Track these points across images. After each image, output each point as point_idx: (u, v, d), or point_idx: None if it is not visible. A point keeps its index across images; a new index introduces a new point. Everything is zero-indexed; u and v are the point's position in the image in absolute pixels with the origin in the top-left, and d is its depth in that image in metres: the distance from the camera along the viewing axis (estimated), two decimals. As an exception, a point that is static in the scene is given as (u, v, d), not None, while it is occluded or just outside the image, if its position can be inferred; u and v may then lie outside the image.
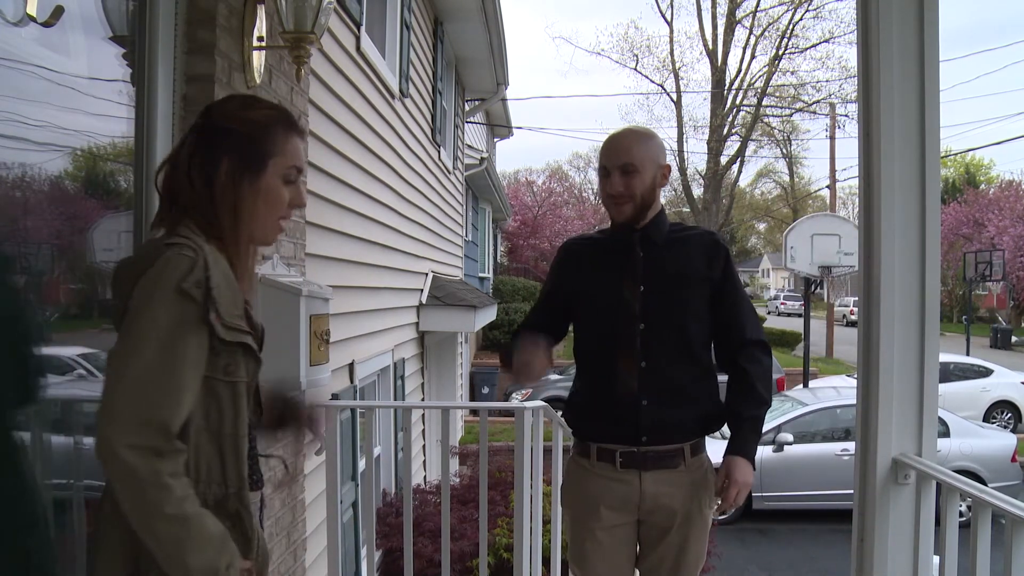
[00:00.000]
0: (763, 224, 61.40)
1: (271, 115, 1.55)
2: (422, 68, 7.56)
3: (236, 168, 1.48)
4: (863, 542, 2.34)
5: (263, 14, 2.64)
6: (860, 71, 2.37)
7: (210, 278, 1.39)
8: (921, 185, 2.27)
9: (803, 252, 14.73)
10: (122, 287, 1.42)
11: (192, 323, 1.37)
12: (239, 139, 1.49)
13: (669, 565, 2.33)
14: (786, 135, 39.84)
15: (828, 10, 43.42)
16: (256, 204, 1.50)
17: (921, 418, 2.29)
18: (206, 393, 1.42)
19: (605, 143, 2.34)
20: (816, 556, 8.47)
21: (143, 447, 1.29)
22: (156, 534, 1.31)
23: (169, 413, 1.33)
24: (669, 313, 2.28)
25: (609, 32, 77.02)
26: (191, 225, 1.46)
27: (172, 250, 1.39)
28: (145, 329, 1.34)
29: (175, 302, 1.35)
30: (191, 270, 1.37)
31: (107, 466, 1.30)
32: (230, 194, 1.48)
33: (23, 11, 1.77)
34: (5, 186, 1.82)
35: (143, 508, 1.30)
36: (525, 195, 33.70)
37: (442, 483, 3.53)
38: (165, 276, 1.36)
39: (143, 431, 1.30)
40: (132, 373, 1.32)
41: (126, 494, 1.31)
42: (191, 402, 1.38)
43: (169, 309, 1.35)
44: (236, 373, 1.46)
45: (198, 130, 1.52)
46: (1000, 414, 14.60)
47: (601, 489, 2.30)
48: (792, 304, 40.38)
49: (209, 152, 1.48)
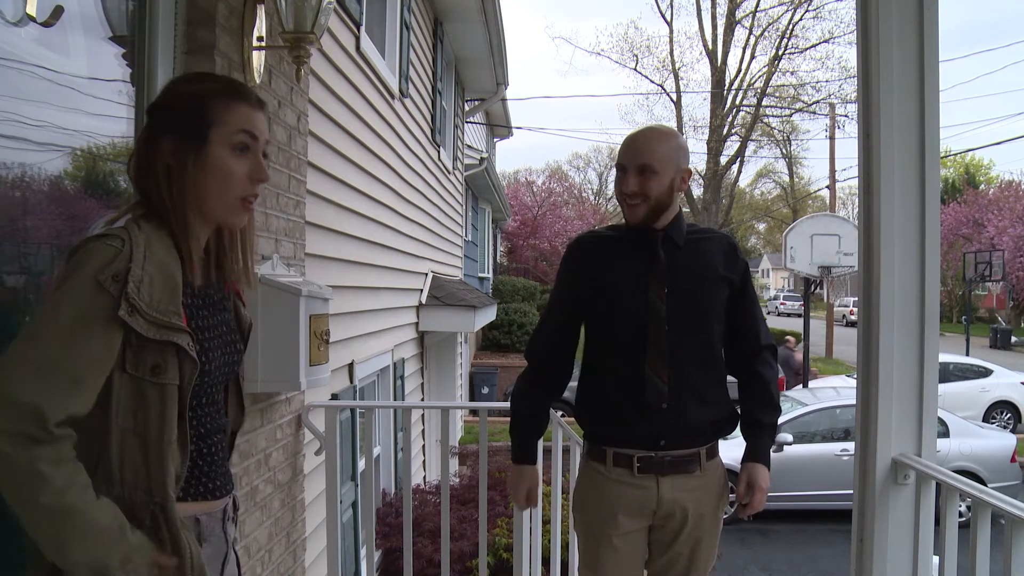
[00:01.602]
0: (763, 224, 61.43)
1: (211, 87, 1.47)
2: (422, 68, 7.56)
3: (177, 145, 1.40)
4: (863, 542, 2.34)
5: (263, 14, 2.64)
6: (860, 71, 2.37)
7: (130, 270, 1.31)
8: (921, 185, 2.27)
9: (803, 252, 14.74)
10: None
11: (101, 316, 1.28)
12: (177, 114, 1.42)
13: (682, 566, 2.30)
14: (786, 135, 39.86)
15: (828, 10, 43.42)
16: (205, 181, 1.42)
17: (921, 418, 2.29)
18: (133, 394, 1.34)
19: (625, 140, 2.27)
20: (816, 556, 8.47)
21: (16, 433, 1.20)
22: (34, 525, 1.24)
23: (52, 402, 1.23)
24: (694, 316, 2.24)
25: (609, 32, 77.15)
26: (140, 213, 1.40)
27: (98, 240, 1.32)
28: (48, 316, 1.27)
29: (87, 293, 1.28)
30: (111, 261, 1.30)
31: None
32: (176, 173, 1.40)
33: (23, 11, 1.77)
34: (5, 186, 1.81)
35: (18, 498, 1.22)
36: (525, 195, 33.69)
37: (442, 483, 3.53)
38: (83, 266, 1.29)
39: (17, 417, 1.21)
40: (22, 358, 1.24)
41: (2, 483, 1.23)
42: (88, 399, 1.28)
43: (78, 300, 1.27)
44: (165, 375, 1.35)
45: (148, 114, 1.46)
46: (1000, 414, 14.60)
47: (618, 495, 2.24)
48: (792, 304, 40.40)
49: (149, 134, 1.42)
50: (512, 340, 18.12)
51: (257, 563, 2.70)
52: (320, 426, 3.45)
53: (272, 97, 2.81)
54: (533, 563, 3.76)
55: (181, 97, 1.44)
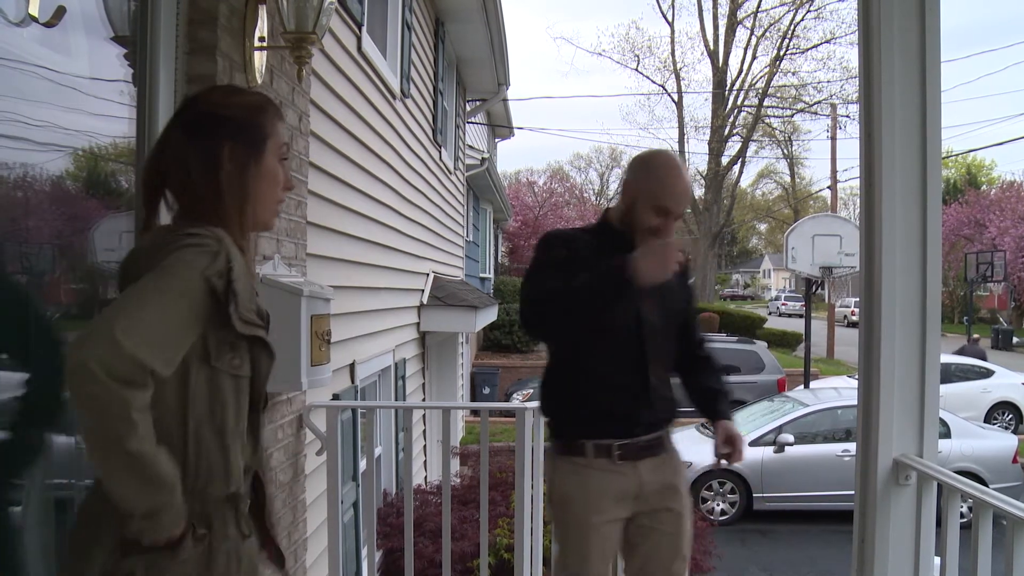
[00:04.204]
0: (764, 225, 61.44)
1: (260, 98, 1.58)
2: (423, 68, 7.57)
3: (239, 153, 1.48)
4: (864, 543, 2.34)
5: (264, 14, 2.65)
6: (861, 71, 2.37)
7: (232, 269, 1.38)
8: (922, 186, 2.27)
9: (804, 253, 14.71)
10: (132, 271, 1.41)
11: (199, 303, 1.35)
12: (237, 124, 1.49)
13: (669, 546, 2.40)
14: (787, 136, 39.88)
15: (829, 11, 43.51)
16: (261, 186, 1.52)
17: (922, 419, 2.29)
18: (211, 387, 1.40)
19: (672, 181, 2.30)
20: (817, 557, 8.46)
21: (120, 375, 1.24)
22: (110, 465, 1.28)
23: (153, 356, 1.28)
24: (668, 318, 2.43)
25: (610, 32, 76.83)
26: (201, 220, 1.45)
27: (192, 239, 1.38)
28: (151, 286, 1.31)
29: (192, 281, 1.34)
30: (214, 260, 1.37)
31: (78, 386, 1.24)
32: (236, 180, 1.48)
33: (25, 11, 1.77)
34: (7, 186, 1.82)
35: (104, 437, 1.26)
36: (526, 195, 33.70)
37: (443, 483, 3.53)
38: (190, 263, 1.34)
39: (124, 360, 1.24)
40: (127, 310, 1.29)
41: (90, 419, 1.26)
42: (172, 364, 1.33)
43: (183, 281, 1.33)
44: (242, 368, 1.44)
45: (186, 123, 1.51)
46: (1001, 415, 14.58)
47: (603, 482, 2.32)
48: (793, 305, 40.36)
49: (208, 141, 1.47)
50: (513, 340, 18.12)
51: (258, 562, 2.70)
52: (321, 426, 3.45)
53: (274, 97, 2.81)
54: (534, 563, 3.76)
55: (238, 108, 1.52)
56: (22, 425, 1.86)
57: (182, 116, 1.54)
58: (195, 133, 1.49)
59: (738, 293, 63.61)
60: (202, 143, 1.48)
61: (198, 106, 1.53)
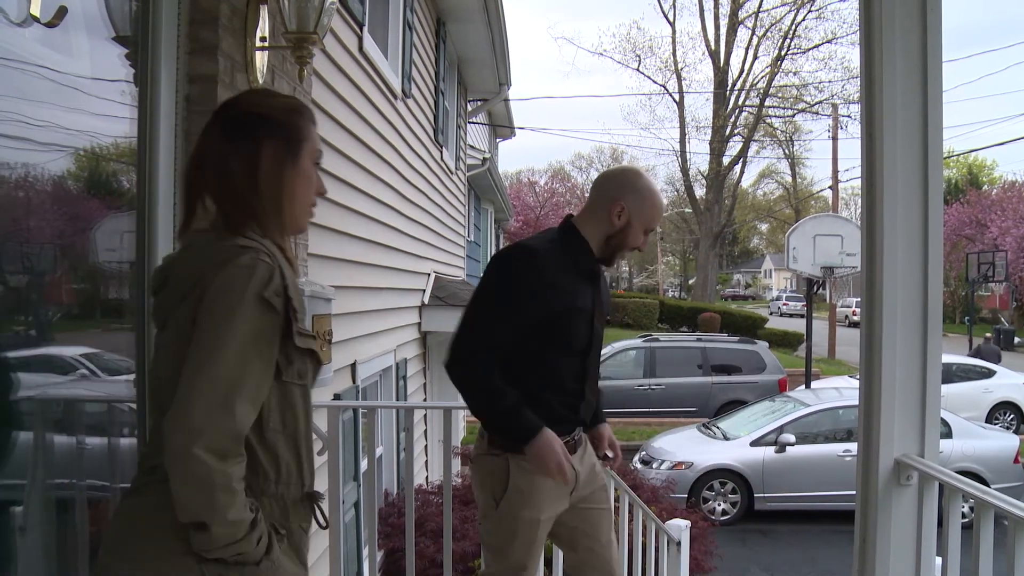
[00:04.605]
0: (765, 225, 61.40)
1: (296, 101, 1.62)
2: (424, 68, 7.57)
3: (278, 153, 1.52)
4: (865, 543, 2.34)
5: (266, 14, 2.65)
6: (863, 71, 2.37)
7: (288, 287, 1.43)
8: (924, 186, 2.27)
9: (805, 253, 14.71)
10: (182, 284, 1.44)
11: (270, 333, 1.41)
12: (275, 125, 1.53)
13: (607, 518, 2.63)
14: (788, 136, 39.87)
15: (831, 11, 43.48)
16: (298, 187, 1.55)
17: (923, 419, 2.28)
18: (282, 397, 1.47)
19: (660, 205, 2.51)
20: (817, 557, 8.46)
21: (219, 451, 1.33)
22: (213, 534, 1.35)
23: (243, 421, 1.37)
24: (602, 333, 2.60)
25: (611, 32, 76.88)
26: (251, 226, 1.49)
27: (248, 255, 1.41)
28: (226, 337, 1.36)
29: (257, 311, 1.38)
30: (270, 278, 1.40)
31: (180, 466, 1.32)
32: (274, 180, 1.51)
33: (27, 12, 1.77)
34: (8, 186, 1.82)
35: (209, 509, 1.33)
36: (527, 195, 33.72)
37: (444, 483, 3.53)
38: (247, 284, 1.38)
39: (220, 436, 1.33)
40: (209, 380, 1.34)
41: (193, 495, 1.33)
42: (258, 409, 1.41)
43: (251, 319, 1.37)
44: (306, 376, 1.52)
45: (226, 124, 1.53)
46: (1003, 415, 14.57)
47: (552, 482, 2.40)
48: (794, 305, 40.35)
49: (248, 140, 1.50)
50: (514, 340, 18.10)
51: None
52: (323, 426, 3.45)
53: (275, 97, 2.81)
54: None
55: (276, 110, 1.56)
56: (24, 425, 1.86)
57: (221, 116, 1.56)
58: (235, 132, 1.51)
59: (739, 293, 63.62)
60: (242, 142, 1.50)
61: (238, 107, 1.57)
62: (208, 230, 1.52)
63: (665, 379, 15.11)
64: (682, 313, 28.08)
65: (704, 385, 15.09)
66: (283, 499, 1.48)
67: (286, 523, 1.50)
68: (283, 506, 1.49)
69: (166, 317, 1.48)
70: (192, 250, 1.51)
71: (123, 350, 2.26)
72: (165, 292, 1.50)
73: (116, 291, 2.39)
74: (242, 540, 1.37)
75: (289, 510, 1.51)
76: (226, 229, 1.48)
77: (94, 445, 2.22)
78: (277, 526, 1.48)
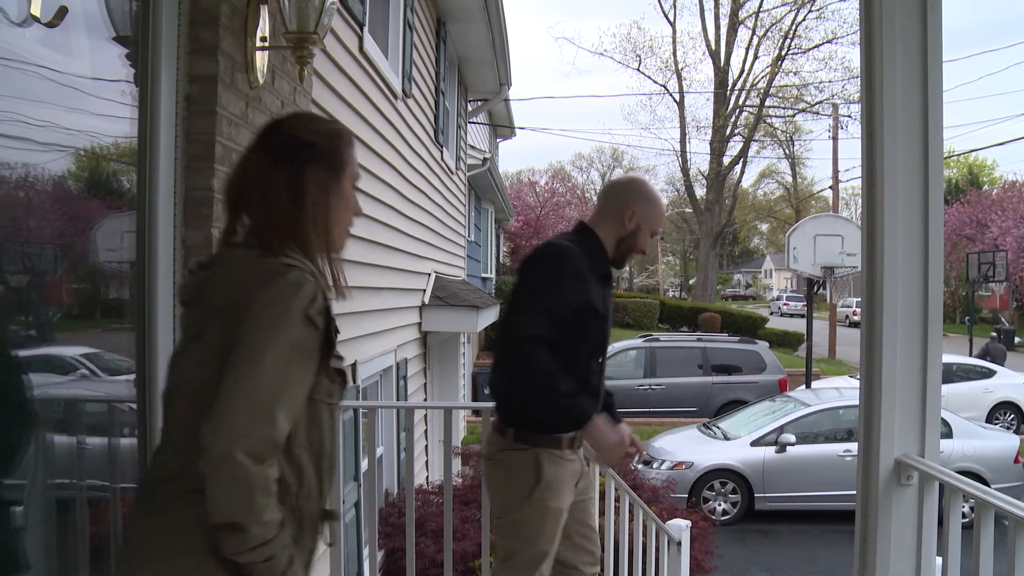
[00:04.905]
0: (766, 225, 61.39)
1: (338, 126, 1.65)
2: (425, 68, 7.57)
3: (321, 179, 1.55)
4: (865, 543, 2.34)
5: (266, 14, 2.65)
6: (863, 71, 2.37)
7: (329, 307, 1.49)
8: (924, 186, 2.27)
9: (806, 253, 14.71)
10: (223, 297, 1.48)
11: (311, 349, 1.46)
12: (319, 151, 1.56)
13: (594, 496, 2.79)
14: (789, 136, 39.87)
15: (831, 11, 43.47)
16: (339, 211, 1.59)
17: (924, 419, 2.28)
18: (311, 415, 1.51)
19: (663, 210, 2.73)
20: (818, 557, 8.46)
21: (258, 455, 1.38)
22: (249, 534, 1.39)
23: (281, 429, 1.42)
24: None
25: (612, 32, 77.03)
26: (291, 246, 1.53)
27: (295, 273, 1.46)
28: (271, 348, 1.41)
29: (301, 327, 1.43)
30: (315, 297, 1.46)
31: (221, 469, 1.36)
32: (320, 203, 1.55)
33: (27, 11, 1.77)
34: (9, 186, 1.82)
35: (247, 510, 1.38)
36: (528, 195, 33.70)
37: (444, 483, 3.53)
38: (294, 300, 1.43)
39: (260, 442, 1.38)
40: (253, 387, 1.39)
41: (232, 496, 1.37)
42: (292, 421, 1.45)
43: (295, 333, 1.43)
44: (334, 396, 1.57)
45: (270, 148, 1.57)
46: (1003, 415, 14.57)
47: (572, 470, 2.58)
48: (795, 305, 40.33)
49: (292, 165, 1.54)
50: (515, 340, 18.09)
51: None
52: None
53: (275, 98, 2.81)
54: (535, 563, 3.75)
55: (320, 136, 1.59)
56: (24, 425, 1.86)
57: (265, 141, 1.60)
58: (279, 157, 1.55)
59: (740, 293, 63.60)
60: (287, 167, 1.54)
61: (282, 131, 1.60)
62: (242, 245, 1.56)
63: (665, 379, 15.11)
64: (682, 313, 28.07)
65: (704, 385, 15.09)
66: (301, 513, 1.52)
67: (300, 538, 1.54)
68: (300, 520, 1.52)
69: (201, 328, 1.51)
70: (233, 265, 1.55)
71: (123, 350, 2.26)
72: (202, 304, 1.54)
73: (116, 291, 2.39)
74: (271, 541, 1.41)
75: (305, 525, 1.55)
76: (265, 250, 1.52)
77: (94, 445, 2.22)
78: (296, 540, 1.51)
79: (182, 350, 1.59)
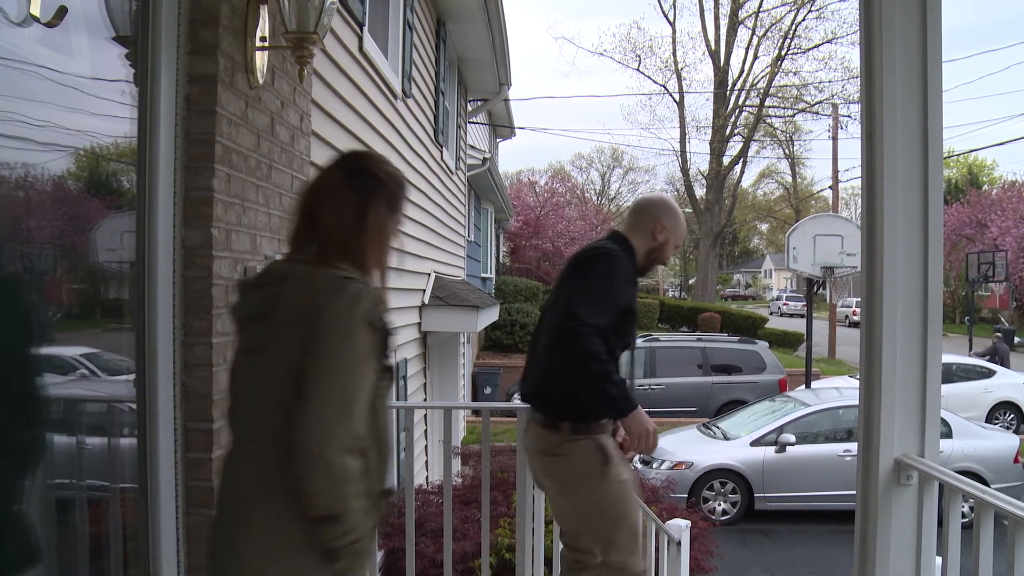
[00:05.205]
0: (765, 225, 61.38)
1: (402, 175, 1.92)
2: (424, 68, 7.56)
3: (382, 210, 1.83)
4: (865, 543, 2.34)
5: (266, 14, 2.65)
6: (863, 71, 2.37)
7: (385, 312, 1.73)
8: (924, 186, 2.27)
9: (805, 253, 14.71)
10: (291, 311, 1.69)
11: (374, 352, 1.70)
12: (387, 189, 1.86)
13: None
14: (788, 136, 39.85)
15: (831, 11, 43.45)
16: (388, 239, 1.87)
17: (923, 419, 2.28)
18: (373, 410, 1.73)
19: (684, 224, 3.00)
20: (818, 557, 8.46)
21: (346, 450, 1.62)
22: (344, 523, 1.64)
23: (359, 424, 1.66)
24: None
25: (611, 32, 76.84)
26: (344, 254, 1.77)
27: (355, 284, 1.70)
28: (346, 355, 1.65)
29: (366, 333, 1.67)
30: (374, 305, 1.71)
31: (317, 466, 1.60)
32: (377, 230, 1.83)
33: (27, 11, 1.77)
34: (8, 186, 1.82)
35: (342, 500, 1.63)
36: (527, 195, 33.68)
37: (444, 483, 3.53)
38: (357, 309, 1.67)
39: (346, 437, 1.62)
40: (335, 390, 1.62)
41: (328, 489, 1.61)
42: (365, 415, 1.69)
43: (363, 340, 1.67)
44: (387, 390, 1.79)
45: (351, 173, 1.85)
46: (1003, 415, 14.57)
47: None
48: (794, 305, 40.32)
49: (364, 193, 1.81)
50: (515, 340, 18.11)
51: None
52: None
53: (275, 97, 2.81)
54: (535, 563, 3.76)
55: (390, 177, 1.88)
56: (23, 425, 1.86)
57: (348, 166, 1.88)
58: (356, 184, 1.82)
59: (739, 293, 63.59)
60: (360, 192, 1.81)
61: (363, 164, 1.89)
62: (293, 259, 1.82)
63: (665, 379, 15.11)
64: (682, 313, 28.06)
65: (704, 385, 15.10)
66: (369, 494, 1.71)
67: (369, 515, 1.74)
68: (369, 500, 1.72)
69: (267, 341, 1.71)
70: (299, 280, 1.75)
71: (123, 350, 2.26)
72: (269, 318, 1.74)
73: (116, 291, 2.39)
74: (359, 526, 1.66)
75: (372, 504, 1.74)
76: (320, 262, 1.75)
77: (93, 445, 2.22)
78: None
79: (247, 362, 1.78)
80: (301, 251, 1.81)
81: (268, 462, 1.66)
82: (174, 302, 2.27)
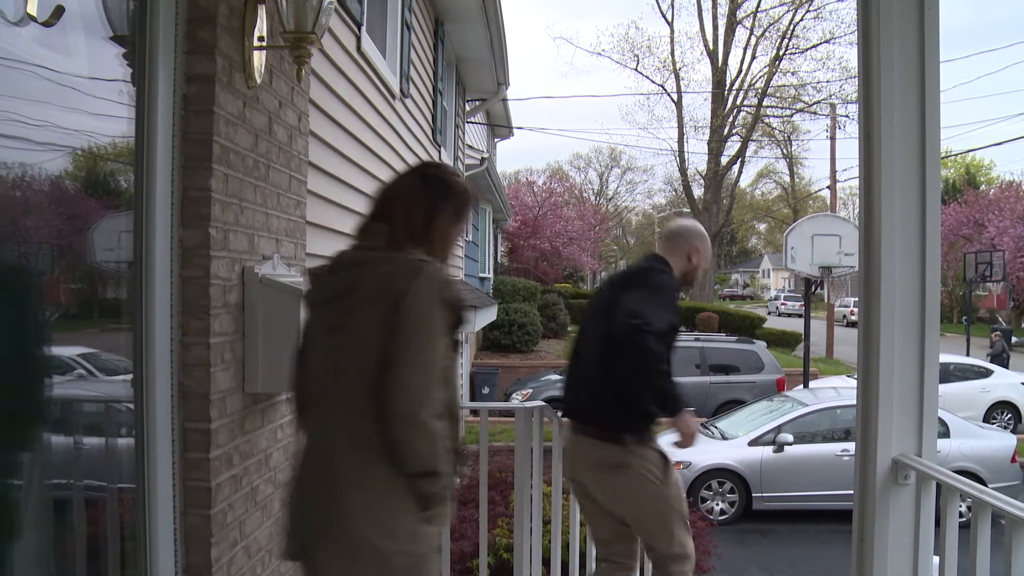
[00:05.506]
0: (763, 224, 61.46)
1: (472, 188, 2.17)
2: (423, 68, 7.56)
3: (452, 215, 2.08)
4: (863, 542, 2.34)
5: (263, 14, 2.64)
6: (861, 71, 2.37)
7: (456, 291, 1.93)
8: (921, 186, 2.27)
9: (803, 252, 14.72)
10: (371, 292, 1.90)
11: (450, 326, 1.92)
12: (457, 197, 2.09)
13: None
14: (786, 135, 39.91)
15: (829, 11, 43.43)
16: (452, 242, 2.10)
17: (921, 419, 2.29)
18: (447, 374, 1.93)
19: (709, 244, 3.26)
20: (816, 556, 8.47)
21: (435, 413, 1.88)
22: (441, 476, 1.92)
23: (441, 390, 1.90)
24: None
25: (610, 32, 77.02)
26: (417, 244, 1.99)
27: (430, 266, 1.92)
28: (428, 330, 1.87)
29: (443, 310, 1.89)
30: (448, 285, 1.92)
31: (414, 428, 1.85)
32: (444, 232, 2.06)
33: (24, 11, 1.77)
34: (6, 186, 1.82)
35: (437, 457, 1.89)
36: (526, 195, 33.67)
37: (442, 483, 3.52)
38: (435, 288, 1.89)
39: (434, 403, 1.88)
40: (422, 360, 1.86)
41: (425, 449, 1.87)
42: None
43: (441, 317, 1.89)
44: (456, 359, 1.99)
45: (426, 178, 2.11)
46: (1000, 415, 14.59)
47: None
48: (792, 304, 40.37)
49: (436, 196, 2.05)
50: (513, 340, 18.11)
51: (257, 563, 2.71)
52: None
53: (273, 97, 2.81)
54: (533, 563, 3.76)
55: (458, 185, 2.13)
56: (23, 425, 1.86)
57: (425, 171, 2.17)
58: (429, 187, 2.06)
59: (737, 293, 63.64)
60: (432, 196, 2.05)
61: (438, 172, 2.16)
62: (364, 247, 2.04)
63: (663, 379, 15.08)
64: (680, 313, 28.07)
65: (702, 385, 15.09)
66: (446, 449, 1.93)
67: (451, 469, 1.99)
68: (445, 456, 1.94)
69: (345, 321, 1.92)
70: (371, 265, 1.96)
71: (120, 350, 2.25)
72: (347, 300, 1.94)
73: (113, 291, 2.38)
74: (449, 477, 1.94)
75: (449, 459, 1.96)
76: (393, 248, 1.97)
77: (91, 445, 2.22)
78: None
79: (326, 343, 1.99)
80: (368, 239, 2.03)
81: (357, 429, 1.89)
82: (171, 302, 2.27)
